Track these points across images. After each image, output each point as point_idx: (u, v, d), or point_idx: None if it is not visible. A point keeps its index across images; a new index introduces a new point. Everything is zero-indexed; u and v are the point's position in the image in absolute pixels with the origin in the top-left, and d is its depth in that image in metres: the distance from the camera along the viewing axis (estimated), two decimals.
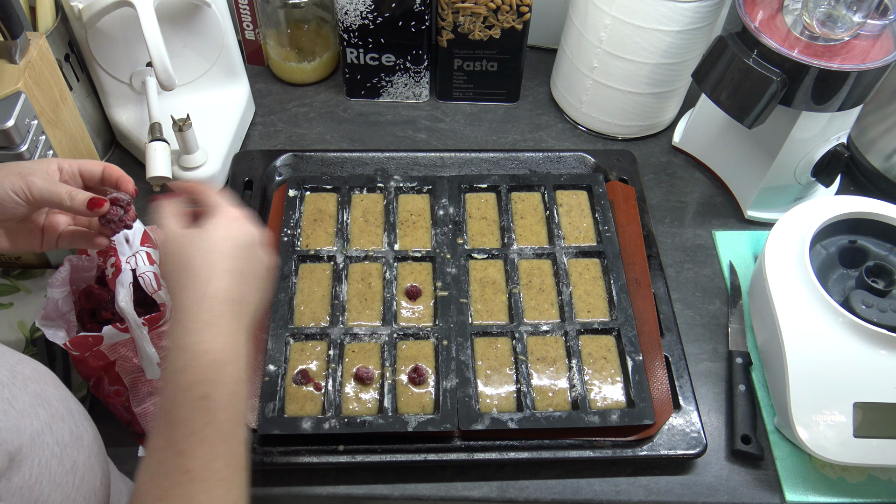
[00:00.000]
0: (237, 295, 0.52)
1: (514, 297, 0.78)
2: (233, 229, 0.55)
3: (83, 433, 0.49)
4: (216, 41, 0.90)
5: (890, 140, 0.90)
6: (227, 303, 0.51)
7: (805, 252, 0.73)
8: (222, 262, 0.53)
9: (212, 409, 0.48)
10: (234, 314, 0.52)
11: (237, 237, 0.54)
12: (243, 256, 0.54)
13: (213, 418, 0.48)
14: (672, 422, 0.71)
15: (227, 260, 0.53)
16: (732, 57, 0.77)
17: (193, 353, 0.49)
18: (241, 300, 0.53)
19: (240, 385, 0.50)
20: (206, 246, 0.53)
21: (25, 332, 0.77)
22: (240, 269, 0.53)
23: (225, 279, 0.52)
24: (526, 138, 1.00)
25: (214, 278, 0.52)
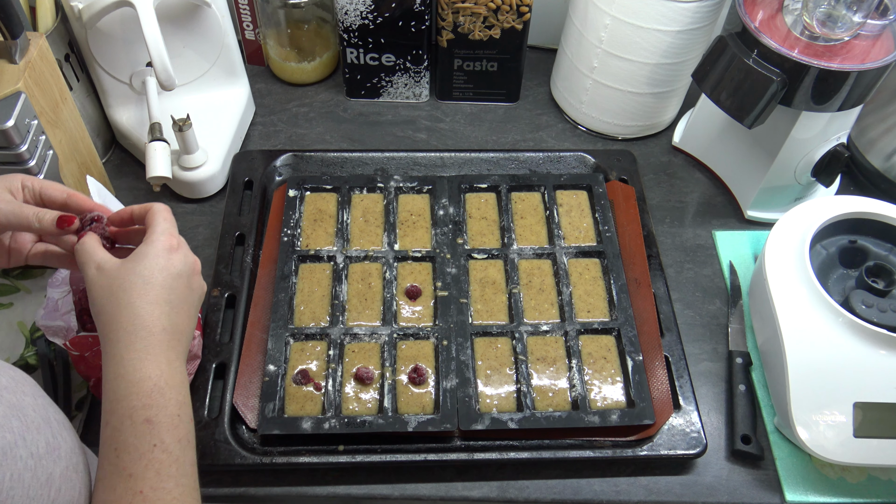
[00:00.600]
0: (171, 324, 0.54)
1: (514, 297, 0.78)
2: (168, 260, 0.56)
3: (60, 443, 0.48)
4: (216, 41, 0.90)
5: (890, 140, 0.90)
6: (163, 332, 0.53)
7: (805, 252, 0.73)
8: (157, 293, 0.54)
9: (157, 431, 0.50)
10: (170, 343, 0.53)
11: (173, 268, 0.55)
12: (178, 286, 0.55)
13: (160, 440, 0.50)
14: (672, 422, 0.71)
15: (162, 290, 0.54)
16: (732, 57, 0.77)
17: (132, 380, 0.51)
18: (176, 329, 0.54)
19: (183, 409, 0.52)
20: (138, 278, 0.54)
21: (25, 332, 0.77)
22: (175, 299, 0.55)
23: (159, 310, 0.54)
24: (526, 138, 1.00)
25: (149, 309, 0.53)
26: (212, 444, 0.68)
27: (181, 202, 0.91)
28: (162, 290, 0.54)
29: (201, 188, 0.89)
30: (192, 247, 0.85)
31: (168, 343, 0.53)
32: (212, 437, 0.68)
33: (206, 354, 0.73)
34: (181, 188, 0.89)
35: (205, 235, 0.87)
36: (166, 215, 0.59)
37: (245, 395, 0.71)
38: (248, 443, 0.69)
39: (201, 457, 0.67)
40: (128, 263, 0.55)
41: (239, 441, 0.69)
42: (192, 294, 0.57)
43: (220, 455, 0.67)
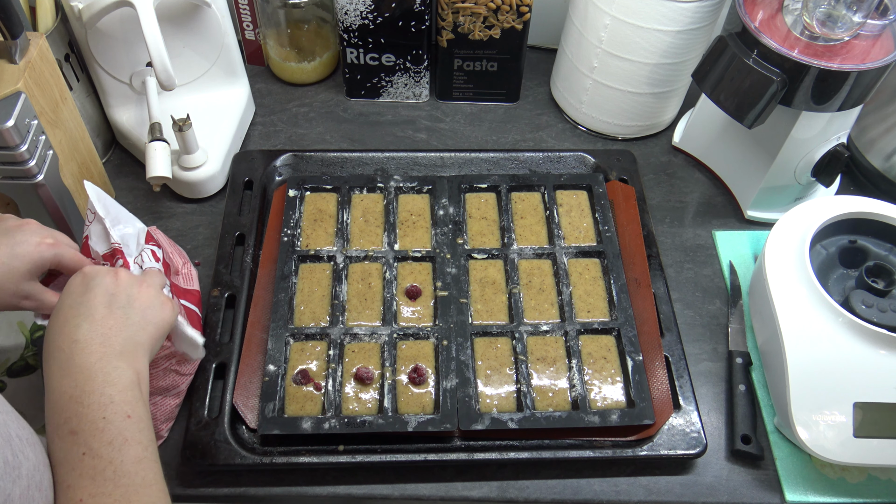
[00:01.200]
0: (86, 333, 0.54)
1: (514, 297, 0.78)
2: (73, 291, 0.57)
3: (21, 462, 0.47)
4: (216, 41, 0.90)
5: (890, 140, 0.90)
6: (74, 344, 0.53)
7: (805, 252, 0.73)
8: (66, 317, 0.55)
9: (83, 440, 0.50)
10: (85, 351, 0.53)
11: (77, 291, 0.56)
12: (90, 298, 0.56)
13: (87, 448, 0.50)
14: (672, 422, 0.71)
15: (71, 310, 0.55)
16: (732, 57, 0.77)
17: (51, 399, 0.52)
18: (95, 333, 0.54)
19: (109, 409, 0.52)
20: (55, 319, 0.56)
21: (25, 332, 0.77)
22: (86, 311, 0.55)
23: (68, 328, 0.54)
24: (526, 138, 1.00)
25: (59, 330, 0.54)
26: (212, 444, 0.68)
27: (181, 202, 0.91)
28: (70, 310, 0.55)
29: (201, 188, 0.89)
30: (193, 247, 0.86)
31: (82, 352, 0.53)
32: (212, 437, 0.68)
33: (206, 354, 0.73)
34: (181, 188, 0.89)
35: (205, 235, 0.87)
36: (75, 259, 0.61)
37: (245, 395, 0.71)
38: (248, 443, 0.69)
39: (201, 456, 0.67)
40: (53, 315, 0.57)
41: (239, 441, 0.69)
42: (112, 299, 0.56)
43: (220, 455, 0.67)
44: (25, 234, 0.61)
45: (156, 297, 0.59)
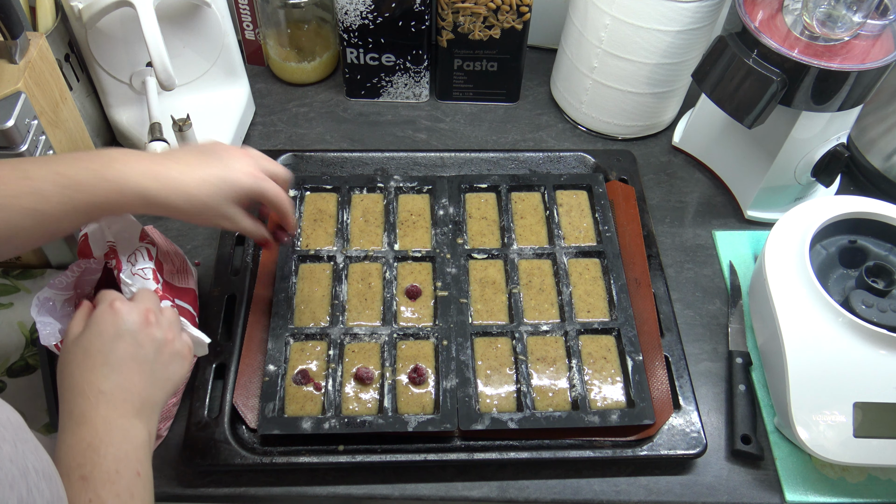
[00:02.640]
0: (113, 385, 0.55)
1: (514, 297, 0.78)
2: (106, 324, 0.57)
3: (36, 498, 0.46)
4: (216, 41, 0.90)
5: (890, 140, 0.90)
6: (100, 395, 0.54)
7: (805, 252, 0.73)
8: (94, 360, 0.55)
9: (92, 487, 0.51)
10: (109, 403, 0.54)
11: (110, 331, 0.56)
12: (120, 347, 0.56)
13: (95, 495, 0.51)
14: (672, 422, 0.71)
15: (99, 355, 0.55)
16: (732, 57, 0.77)
17: (69, 444, 0.52)
18: (120, 388, 0.55)
19: (123, 464, 0.53)
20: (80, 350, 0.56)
21: (25, 332, 0.77)
22: (116, 359, 0.56)
23: (95, 374, 0.55)
24: (526, 138, 1.00)
25: (86, 377, 0.55)
26: (212, 444, 0.68)
27: None
28: (99, 355, 0.55)
29: None
30: (192, 247, 0.86)
31: (107, 404, 0.54)
32: (212, 437, 0.68)
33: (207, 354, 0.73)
34: None
35: (205, 235, 0.87)
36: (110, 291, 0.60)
37: (245, 395, 0.71)
38: (248, 443, 0.69)
39: (201, 456, 0.67)
40: (76, 339, 0.57)
41: (239, 441, 0.69)
42: (139, 350, 0.57)
43: (220, 455, 0.67)
44: (237, 162, 0.63)
45: (178, 351, 0.60)
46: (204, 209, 0.61)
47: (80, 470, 0.51)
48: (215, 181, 0.61)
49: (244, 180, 0.63)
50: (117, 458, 0.52)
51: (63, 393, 0.55)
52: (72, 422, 0.53)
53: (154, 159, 0.60)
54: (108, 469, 0.52)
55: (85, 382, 0.54)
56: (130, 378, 0.56)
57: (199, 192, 0.60)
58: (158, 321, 0.59)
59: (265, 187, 0.64)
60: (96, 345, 0.56)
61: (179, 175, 0.60)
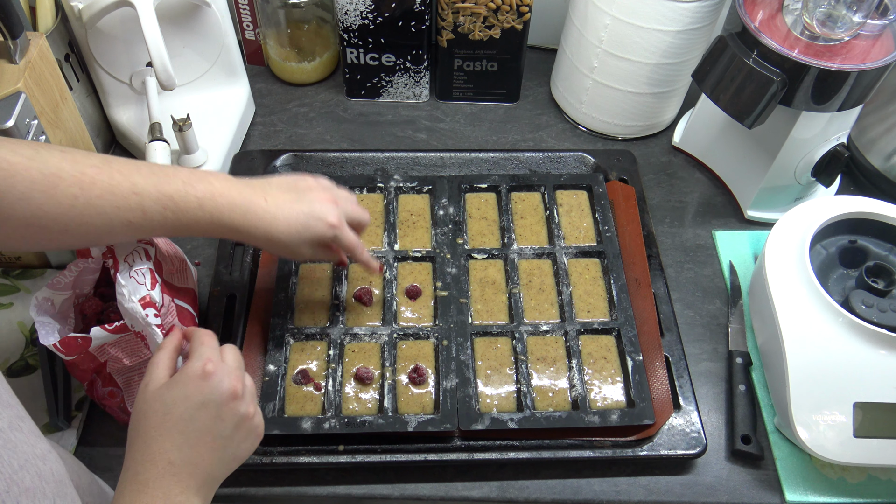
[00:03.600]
0: (182, 457, 0.53)
1: (514, 297, 0.78)
2: (194, 387, 0.54)
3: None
4: (216, 41, 0.90)
5: (890, 140, 0.90)
6: (168, 465, 0.52)
7: (805, 252, 0.73)
8: (172, 424, 0.53)
9: None
10: (175, 477, 0.52)
11: (197, 397, 0.54)
12: (201, 417, 0.54)
13: None
14: (672, 422, 0.71)
15: (179, 422, 0.53)
16: (732, 57, 0.77)
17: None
18: (188, 462, 0.53)
19: None
20: (161, 406, 0.54)
21: (25, 332, 0.77)
22: (194, 430, 0.54)
23: (170, 441, 0.53)
24: (526, 138, 1.00)
25: (159, 441, 0.53)
26: None
27: None
28: (179, 422, 0.53)
29: None
30: (193, 247, 0.85)
31: (173, 477, 0.52)
32: None
33: None
34: None
35: None
36: (206, 339, 0.58)
37: None
38: None
39: None
40: (161, 389, 0.55)
41: None
42: (220, 424, 0.55)
43: None
44: (321, 206, 0.66)
45: (254, 428, 0.58)
46: (283, 249, 0.65)
47: None
48: (297, 227, 0.64)
49: (323, 230, 0.66)
50: None
51: (132, 447, 0.53)
52: (134, 485, 0.52)
53: (248, 195, 0.63)
54: None
55: (158, 447, 0.53)
56: (202, 453, 0.54)
57: (280, 235, 0.64)
58: (244, 394, 0.57)
59: (341, 237, 0.67)
60: (180, 409, 0.54)
61: (266, 215, 0.63)
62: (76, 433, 0.71)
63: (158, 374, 0.56)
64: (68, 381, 0.73)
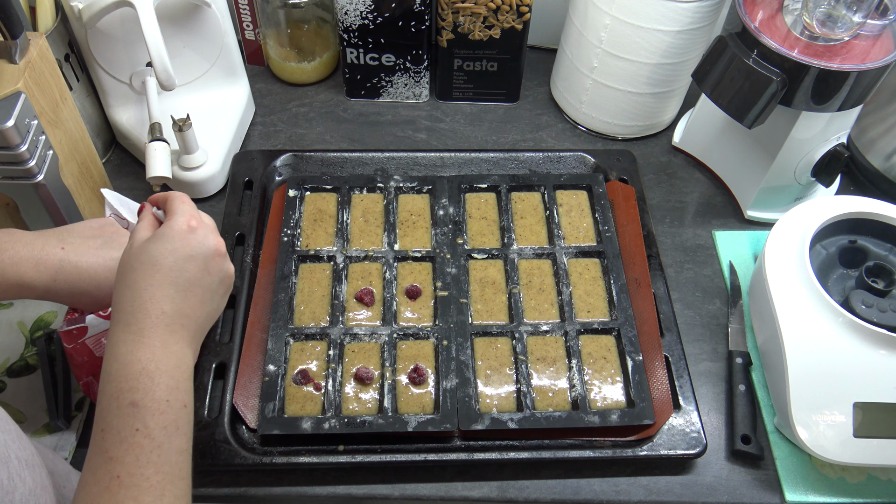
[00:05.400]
0: (175, 308, 0.53)
1: (514, 297, 0.78)
2: (181, 241, 0.54)
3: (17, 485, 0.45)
4: (216, 41, 0.90)
5: (890, 140, 0.90)
6: (161, 315, 0.52)
7: (805, 252, 0.73)
8: (162, 276, 0.53)
9: (141, 416, 0.49)
10: (169, 327, 0.52)
11: (185, 250, 0.54)
12: (189, 269, 0.54)
13: (143, 425, 0.49)
14: (672, 422, 0.71)
15: (169, 273, 0.53)
16: (732, 57, 0.77)
17: (124, 362, 0.50)
18: (180, 313, 0.53)
19: (174, 394, 0.51)
20: (148, 259, 0.53)
21: (25, 332, 0.77)
22: (184, 281, 0.54)
23: (161, 291, 0.53)
24: (526, 138, 1.00)
25: (150, 291, 0.52)
26: (212, 444, 0.68)
27: None
28: (169, 273, 0.53)
29: (201, 188, 0.89)
30: None
31: (167, 327, 0.52)
32: (212, 437, 0.68)
33: (207, 354, 0.73)
34: (181, 188, 0.89)
35: None
36: (184, 198, 0.58)
37: (245, 395, 0.71)
38: (248, 443, 0.69)
39: (201, 456, 0.67)
40: (145, 243, 0.54)
41: (239, 441, 0.69)
42: (207, 276, 0.55)
43: (220, 455, 0.67)
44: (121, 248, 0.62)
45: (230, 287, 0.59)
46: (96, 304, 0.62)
47: (132, 395, 0.49)
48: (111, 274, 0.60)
49: None
50: (169, 387, 0.51)
51: (121, 299, 0.53)
52: (128, 335, 0.51)
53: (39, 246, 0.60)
54: (160, 398, 0.50)
55: (149, 297, 0.52)
56: (192, 304, 0.54)
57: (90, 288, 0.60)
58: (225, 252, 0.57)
59: None
60: (168, 261, 0.53)
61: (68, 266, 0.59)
62: (76, 433, 0.71)
63: (141, 234, 0.56)
64: (68, 381, 0.73)
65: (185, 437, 0.51)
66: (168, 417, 0.50)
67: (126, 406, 0.49)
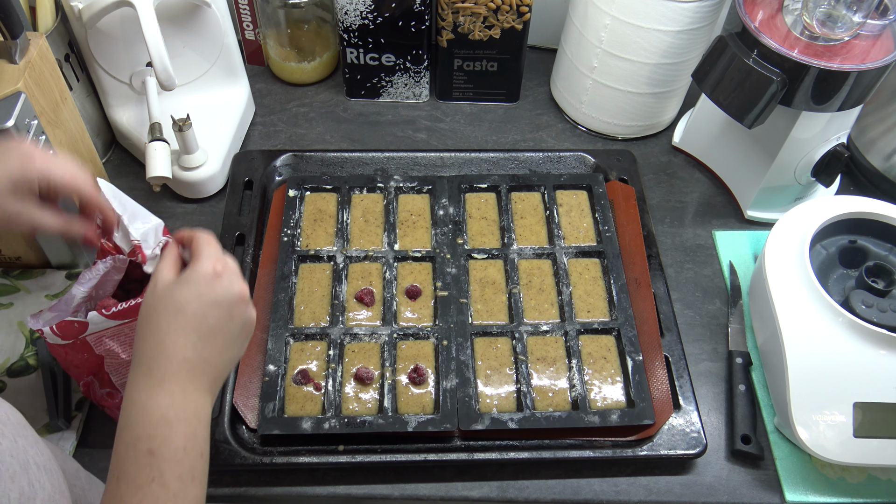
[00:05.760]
0: (197, 355, 0.52)
1: (514, 297, 0.78)
2: (206, 287, 0.54)
3: (37, 491, 0.45)
4: (216, 41, 0.90)
5: (890, 140, 0.90)
6: (184, 362, 0.51)
7: (805, 252, 0.73)
8: (186, 321, 0.52)
9: (158, 464, 0.48)
10: (190, 374, 0.52)
11: (210, 295, 0.53)
12: (214, 315, 0.53)
13: (160, 474, 0.48)
14: (672, 422, 0.71)
15: (193, 319, 0.53)
16: (732, 57, 0.77)
17: (143, 408, 0.50)
18: (202, 360, 0.53)
19: (192, 442, 0.50)
20: (173, 304, 0.53)
21: (25, 332, 0.77)
22: (207, 328, 0.53)
23: (184, 338, 0.52)
24: (526, 138, 1.00)
25: (173, 336, 0.52)
26: (212, 445, 0.68)
27: (181, 202, 0.91)
28: (192, 319, 0.53)
29: (201, 188, 0.89)
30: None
31: (188, 373, 0.52)
32: (212, 437, 0.68)
33: None
34: (181, 188, 0.89)
35: None
36: (210, 240, 0.57)
37: (245, 395, 0.71)
38: (248, 443, 0.69)
39: None
40: (170, 287, 0.54)
41: (239, 441, 0.69)
42: (230, 323, 0.54)
43: (220, 455, 0.67)
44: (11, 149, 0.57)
45: (251, 332, 0.57)
46: None
47: (149, 442, 0.49)
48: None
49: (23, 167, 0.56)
50: (187, 436, 0.50)
51: (143, 343, 0.52)
52: (149, 381, 0.51)
53: None
54: (177, 447, 0.49)
55: (171, 343, 0.51)
56: (213, 351, 0.53)
57: None
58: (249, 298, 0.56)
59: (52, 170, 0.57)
60: (193, 306, 0.52)
61: None
62: (76, 433, 0.71)
63: (165, 274, 0.55)
64: (68, 382, 0.73)
65: (201, 486, 0.51)
66: (185, 466, 0.50)
67: (143, 454, 0.49)
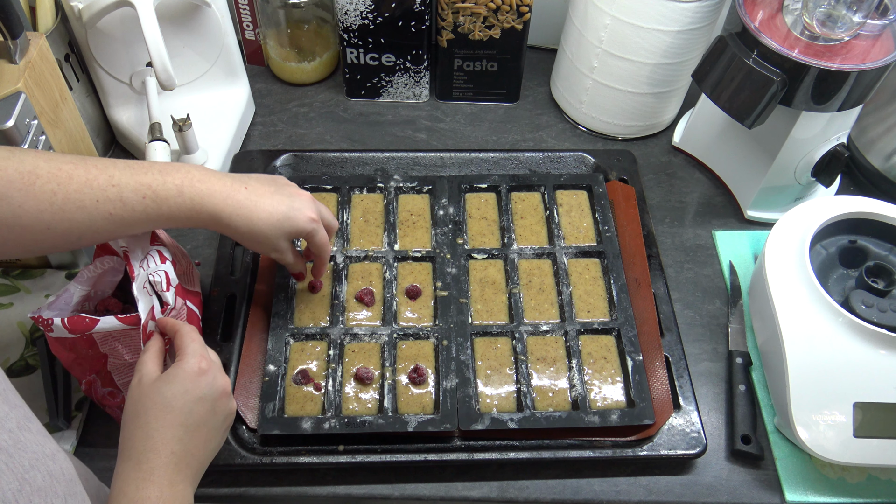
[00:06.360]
0: (183, 448, 0.55)
1: (514, 297, 0.78)
2: (192, 384, 0.57)
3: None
4: (216, 41, 0.90)
5: (890, 140, 0.90)
6: (171, 456, 0.54)
7: (805, 252, 0.73)
8: (173, 417, 0.56)
9: None
10: (177, 466, 0.55)
11: (195, 392, 0.57)
12: (199, 410, 0.57)
13: None
14: (672, 422, 0.71)
15: (179, 414, 0.56)
16: (732, 57, 0.77)
17: (133, 499, 0.52)
18: (188, 452, 0.56)
19: None
20: (160, 400, 0.56)
21: (25, 332, 0.77)
22: (193, 422, 0.56)
23: (171, 432, 0.55)
24: (526, 138, 1.00)
25: (162, 431, 0.55)
26: None
27: None
28: (179, 415, 0.56)
29: None
30: (192, 247, 0.86)
31: (175, 466, 0.54)
32: None
33: None
34: None
35: (205, 235, 0.87)
36: (194, 336, 0.61)
37: (245, 395, 0.71)
38: (248, 443, 0.69)
39: None
40: (157, 383, 0.57)
41: (239, 441, 0.69)
42: (213, 417, 0.58)
43: (220, 455, 0.67)
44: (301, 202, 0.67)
45: (232, 417, 0.62)
46: (263, 240, 0.66)
47: None
48: (279, 217, 0.65)
49: (303, 223, 0.67)
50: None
51: (132, 437, 0.55)
52: (139, 473, 0.53)
53: (228, 184, 0.63)
54: None
55: (160, 438, 0.55)
56: (197, 444, 0.57)
57: (262, 225, 0.64)
58: (230, 391, 0.61)
59: (318, 233, 0.69)
60: (180, 402, 0.56)
61: (249, 203, 0.64)
62: (76, 433, 0.71)
63: (149, 369, 0.58)
64: (68, 382, 0.73)
65: None
66: None
67: None
